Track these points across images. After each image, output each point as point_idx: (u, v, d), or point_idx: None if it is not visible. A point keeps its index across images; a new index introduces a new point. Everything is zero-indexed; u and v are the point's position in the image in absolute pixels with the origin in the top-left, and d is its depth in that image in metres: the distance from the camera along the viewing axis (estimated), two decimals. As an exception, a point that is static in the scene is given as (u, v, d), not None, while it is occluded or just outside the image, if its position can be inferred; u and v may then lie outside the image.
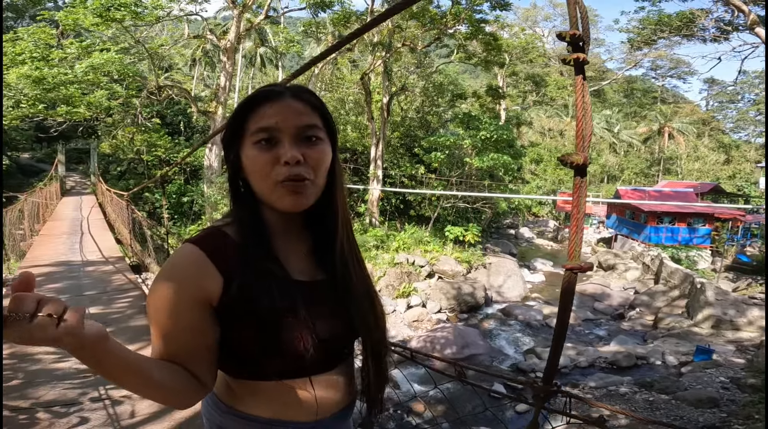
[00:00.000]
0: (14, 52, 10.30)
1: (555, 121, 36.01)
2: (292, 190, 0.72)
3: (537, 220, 27.90)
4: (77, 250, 8.05)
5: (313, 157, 0.73)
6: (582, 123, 0.72)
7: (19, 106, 10.78)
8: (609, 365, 8.25)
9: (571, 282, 0.74)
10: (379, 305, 0.87)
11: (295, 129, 0.73)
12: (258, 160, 0.72)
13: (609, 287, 13.84)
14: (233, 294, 0.71)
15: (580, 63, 0.73)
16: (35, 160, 20.52)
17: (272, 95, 0.74)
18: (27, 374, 3.06)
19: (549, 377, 0.78)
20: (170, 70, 24.73)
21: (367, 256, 13.26)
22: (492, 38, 15.76)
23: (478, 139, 15.02)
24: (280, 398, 0.77)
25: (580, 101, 0.72)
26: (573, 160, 0.71)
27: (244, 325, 0.73)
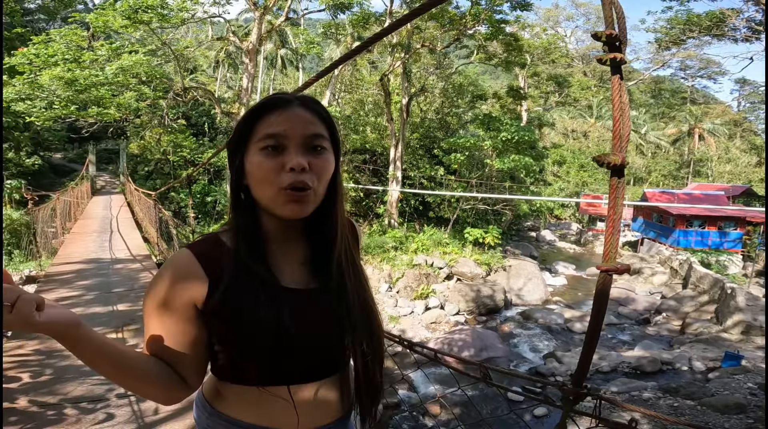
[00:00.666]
0: (47, 53, 10.67)
1: (579, 123, 35.32)
2: (294, 199, 0.72)
3: (559, 223, 27.41)
4: (107, 248, 8.27)
5: (317, 166, 0.74)
6: (619, 123, 0.72)
7: (52, 107, 11.18)
8: (632, 370, 8.10)
9: (606, 283, 0.74)
10: (376, 317, 0.85)
11: (302, 137, 0.74)
12: (263, 165, 0.73)
13: (634, 291, 13.54)
14: (217, 297, 0.72)
15: (617, 63, 0.73)
16: (67, 160, 21.24)
17: (281, 103, 0.75)
18: (56, 370, 3.12)
19: (579, 379, 0.78)
20: (195, 71, 25.32)
21: (386, 258, 13.30)
22: (513, 39, 15.58)
23: (498, 141, 14.88)
24: (261, 404, 0.77)
25: (617, 101, 0.72)
26: (610, 161, 0.71)
27: (226, 329, 0.74)
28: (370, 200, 18.28)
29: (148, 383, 0.72)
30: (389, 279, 12.59)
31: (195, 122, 19.83)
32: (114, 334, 3.84)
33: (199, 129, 19.78)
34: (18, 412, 2.53)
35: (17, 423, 2.42)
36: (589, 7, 37.51)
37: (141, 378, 0.71)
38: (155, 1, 10.45)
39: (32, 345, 3.54)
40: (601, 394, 0.84)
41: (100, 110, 11.50)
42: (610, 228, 0.72)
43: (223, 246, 0.77)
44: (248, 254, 0.75)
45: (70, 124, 13.28)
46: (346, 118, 18.54)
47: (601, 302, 0.74)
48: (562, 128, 35.41)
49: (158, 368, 0.73)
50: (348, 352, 0.84)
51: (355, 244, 0.88)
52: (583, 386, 0.78)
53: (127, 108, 11.98)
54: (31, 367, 3.16)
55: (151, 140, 17.94)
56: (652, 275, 15.05)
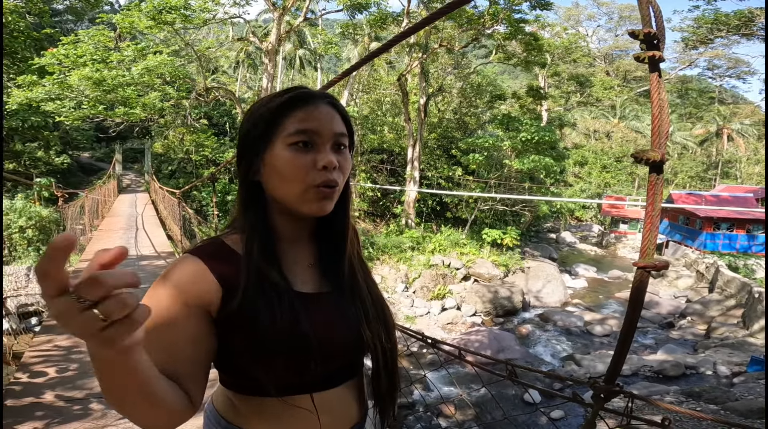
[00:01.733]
0: (76, 54, 10.99)
1: (601, 123, 34.62)
2: (323, 196, 0.71)
3: (580, 225, 26.95)
4: (132, 245, 8.48)
5: (342, 165, 0.74)
6: (658, 120, 0.72)
7: (80, 107, 11.50)
8: (654, 374, 7.97)
9: (643, 280, 0.74)
10: (390, 316, 0.84)
11: (332, 135, 0.72)
12: (295, 162, 0.70)
13: (658, 295, 13.25)
14: (233, 305, 0.68)
15: (656, 60, 0.73)
16: (95, 159, 21.86)
17: (311, 99, 0.73)
18: (82, 365, 3.16)
19: (612, 377, 0.77)
20: (216, 72, 25.76)
21: (402, 258, 13.30)
22: (532, 38, 15.38)
23: (518, 141, 14.72)
24: (281, 416, 0.73)
25: (656, 98, 0.72)
26: (649, 157, 0.72)
27: (242, 338, 0.69)
28: (387, 200, 18.30)
29: (164, 411, 0.61)
30: (406, 279, 12.58)
31: (216, 122, 20.19)
32: (139, 329, 3.94)
33: (220, 129, 20.13)
34: (44, 407, 2.56)
35: (44, 417, 2.44)
36: (611, 6, 36.73)
37: (160, 404, 0.59)
38: (179, 1, 10.70)
39: (60, 340, 3.61)
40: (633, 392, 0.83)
41: (127, 110, 11.79)
42: (648, 224, 0.72)
43: (231, 251, 0.73)
44: (262, 257, 0.71)
45: (98, 123, 13.65)
46: (363, 118, 18.61)
47: (637, 299, 0.74)
48: (584, 128, 34.79)
49: (175, 389, 0.65)
50: (363, 354, 0.82)
51: (358, 244, 0.88)
52: (615, 384, 0.78)
53: (152, 108, 12.26)
54: (57, 361, 3.21)
55: (174, 140, 18.36)
56: (677, 279, 14.71)
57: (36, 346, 3.55)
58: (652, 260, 0.74)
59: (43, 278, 0.40)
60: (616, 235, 23.16)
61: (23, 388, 2.80)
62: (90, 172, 19.20)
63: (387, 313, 0.83)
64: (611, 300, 13.50)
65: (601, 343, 9.97)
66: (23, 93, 11.13)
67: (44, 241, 11.36)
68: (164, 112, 13.18)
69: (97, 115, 11.99)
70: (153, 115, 12.97)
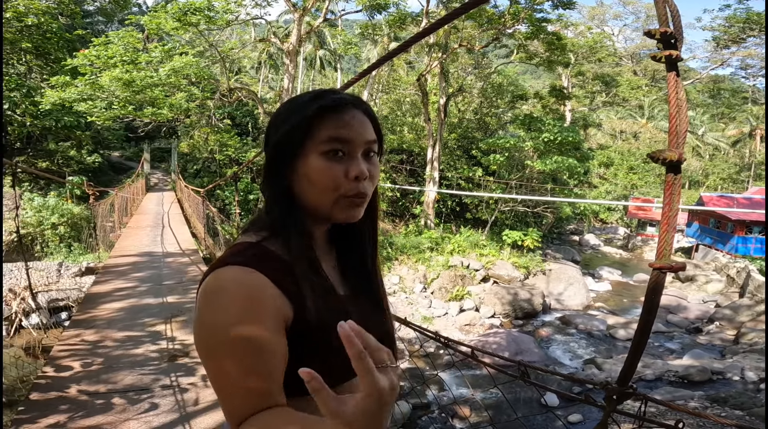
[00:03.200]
0: (107, 55, 11.38)
1: (628, 123, 33.76)
2: (354, 205, 0.71)
3: (605, 227, 26.32)
4: (158, 242, 8.70)
5: (372, 173, 0.73)
6: (676, 119, 0.72)
7: (111, 107, 11.89)
8: (679, 379, 7.80)
9: (659, 282, 0.74)
10: (391, 318, 0.86)
11: (363, 144, 0.71)
12: (329, 171, 0.69)
13: (686, 299, 12.87)
14: (301, 317, 0.67)
15: (673, 60, 0.73)
16: (124, 158, 22.51)
17: (345, 105, 0.71)
18: (107, 359, 3.23)
19: (625, 378, 0.77)
20: (239, 73, 26.24)
21: (421, 258, 13.28)
22: (555, 38, 15.11)
23: (540, 142, 14.50)
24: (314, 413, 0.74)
25: (674, 97, 0.72)
26: (666, 157, 0.71)
27: (306, 347, 0.67)
28: (406, 200, 18.30)
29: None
30: (424, 279, 12.56)
31: (239, 122, 20.56)
32: (163, 325, 4.00)
33: (243, 129, 20.49)
34: (69, 401, 2.59)
35: (67, 411, 2.47)
36: (638, 5, 35.77)
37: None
38: (202, 3, 10.96)
39: (87, 334, 3.69)
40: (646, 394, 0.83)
41: (155, 110, 12.12)
42: (665, 225, 0.72)
43: (277, 257, 0.70)
44: (310, 267, 0.71)
45: (128, 123, 14.10)
46: (383, 118, 18.67)
47: (652, 300, 0.74)
48: (610, 129, 33.99)
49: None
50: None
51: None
52: (629, 386, 0.78)
53: (178, 108, 12.57)
54: (83, 356, 3.26)
55: (199, 139, 18.79)
56: (707, 283, 14.25)
57: (64, 341, 3.61)
58: (668, 261, 0.74)
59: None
60: (642, 237, 22.54)
61: (49, 382, 2.83)
62: (120, 171, 19.78)
63: (390, 317, 0.85)
64: (636, 304, 13.16)
65: (624, 347, 9.74)
66: (56, 93, 11.54)
67: (75, 238, 11.80)
68: (190, 112, 13.50)
69: (126, 115, 12.35)
70: (179, 116, 13.30)
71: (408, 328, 1.75)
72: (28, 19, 11.97)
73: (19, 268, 7.70)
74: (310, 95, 0.73)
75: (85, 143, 15.52)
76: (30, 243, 11.28)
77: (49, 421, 2.37)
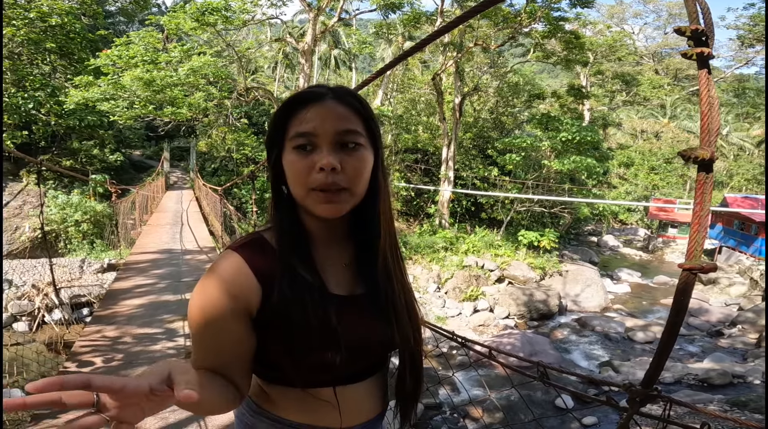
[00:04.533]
0: (128, 55, 11.61)
1: (649, 123, 33.00)
2: (324, 200, 0.70)
3: (624, 228, 25.79)
4: (177, 239, 8.85)
5: (350, 165, 0.70)
6: (707, 117, 0.70)
7: (132, 106, 12.13)
8: (699, 382, 7.66)
9: (689, 283, 0.72)
10: (417, 317, 0.85)
11: (333, 135, 0.70)
12: (296, 165, 0.70)
13: (708, 302, 12.56)
14: (270, 305, 0.71)
15: (704, 57, 0.72)
16: (145, 157, 22.90)
17: (313, 98, 0.71)
18: (127, 355, 3.28)
19: (650, 380, 0.76)
20: (256, 72, 26.50)
21: (435, 258, 13.23)
22: (573, 36, 14.86)
23: (558, 141, 14.29)
24: (305, 404, 0.77)
25: (705, 95, 0.71)
26: (698, 155, 0.70)
27: (274, 334, 0.72)
28: (421, 200, 18.25)
29: (214, 405, 0.69)
30: (438, 279, 12.51)
31: (256, 121, 20.78)
32: (181, 322, 4.06)
33: (260, 128, 20.71)
34: None
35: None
36: (659, 3, 34.92)
37: (209, 402, 0.67)
38: (220, 3, 11.11)
39: (108, 330, 3.76)
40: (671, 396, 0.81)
41: (174, 110, 12.31)
42: (695, 225, 0.71)
43: (269, 247, 0.75)
44: (292, 255, 0.73)
45: (148, 123, 14.34)
46: (398, 118, 18.63)
47: (681, 302, 0.73)
48: (630, 128, 33.29)
49: (221, 387, 0.70)
50: (389, 354, 0.85)
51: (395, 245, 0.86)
52: (653, 388, 0.76)
53: (197, 108, 12.75)
54: (104, 352, 3.31)
55: (217, 139, 19.06)
56: (730, 286, 13.89)
57: (86, 336, 3.66)
58: (698, 262, 0.72)
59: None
60: (664, 239, 22.04)
61: None
62: (140, 170, 20.13)
63: (416, 314, 0.84)
64: (656, 306, 12.88)
65: (643, 350, 9.55)
66: (80, 93, 11.81)
67: (98, 235, 12.08)
68: (208, 111, 13.69)
69: (147, 115, 12.55)
70: (198, 115, 13.50)
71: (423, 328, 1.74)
72: (52, 19, 12.26)
73: (42, 264, 7.92)
74: (294, 93, 0.77)
75: (108, 142, 15.85)
76: (54, 240, 11.59)
77: (69, 417, 2.38)
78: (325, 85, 0.75)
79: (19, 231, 12.38)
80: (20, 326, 6.95)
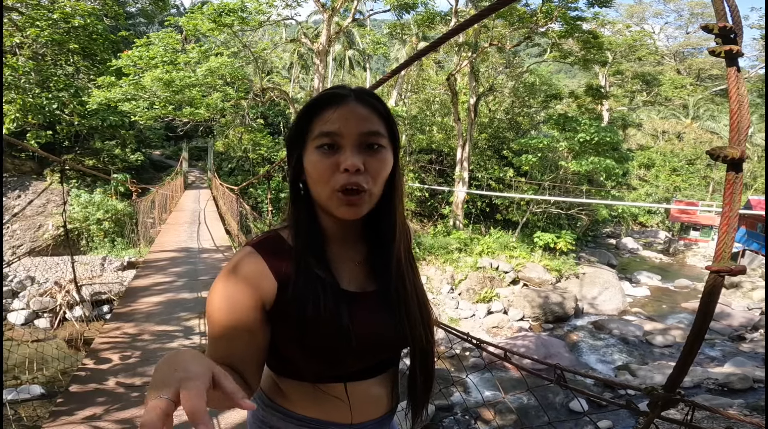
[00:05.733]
0: (148, 56, 11.85)
1: (671, 123, 32.23)
2: (347, 202, 0.71)
3: (644, 231, 25.25)
4: (195, 238, 8.95)
5: (373, 166, 0.71)
6: (737, 115, 0.69)
7: (152, 107, 12.37)
8: (719, 387, 7.52)
9: (716, 285, 0.70)
10: (430, 316, 0.85)
11: (357, 136, 0.71)
12: (319, 165, 0.71)
13: (730, 306, 12.25)
14: (285, 299, 0.73)
15: (733, 55, 0.70)
16: (164, 157, 23.31)
17: (336, 99, 0.72)
18: (144, 352, 3.31)
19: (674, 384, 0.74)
20: (271, 73, 26.77)
21: (449, 259, 13.16)
22: (591, 36, 14.61)
23: (575, 142, 14.07)
24: (316, 399, 0.78)
25: (735, 93, 0.69)
26: (727, 154, 0.68)
27: (287, 329, 0.74)
28: (435, 201, 18.18)
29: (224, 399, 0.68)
30: (451, 280, 12.44)
31: (271, 122, 20.99)
32: (197, 320, 4.10)
33: (275, 128, 20.92)
34: (106, 393, 2.67)
35: (104, 404, 2.53)
36: (680, 2, 34.09)
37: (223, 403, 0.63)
38: (236, 4, 11.26)
39: (127, 327, 3.82)
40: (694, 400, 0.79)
41: (193, 110, 12.53)
42: (724, 226, 0.69)
43: (286, 244, 0.77)
44: (307, 253, 0.75)
45: (167, 123, 14.62)
46: (412, 118, 18.60)
47: (708, 305, 0.71)
48: (651, 129, 32.57)
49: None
50: (400, 351, 0.85)
51: (409, 245, 0.88)
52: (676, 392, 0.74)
53: (214, 108, 12.95)
54: (122, 349, 3.35)
55: (233, 139, 19.31)
56: (752, 290, 13.52)
57: (105, 333, 3.71)
58: (727, 264, 0.70)
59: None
60: (685, 242, 21.52)
61: (89, 374, 2.91)
62: (160, 169, 20.45)
63: (428, 313, 0.85)
64: (677, 310, 12.59)
65: (662, 354, 9.35)
66: (102, 93, 12.09)
67: (119, 233, 12.34)
68: (225, 112, 13.89)
69: (167, 115, 12.81)
70: (215, 115, 13.70)
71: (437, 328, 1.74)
72: (75, 20, 12.57)
73: (65, 262, 8.13)
74: (319, 92, 0.76)
75: (129, 142, 16.15)
76: (76, 238, 11.89)
77: (86, 413, 2.41)
78: (347, 85, 0.76)
79: (42, 229, 12.74)
80: (42, 323, 7.14)
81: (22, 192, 13.66)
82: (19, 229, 12.64)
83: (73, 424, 2.31)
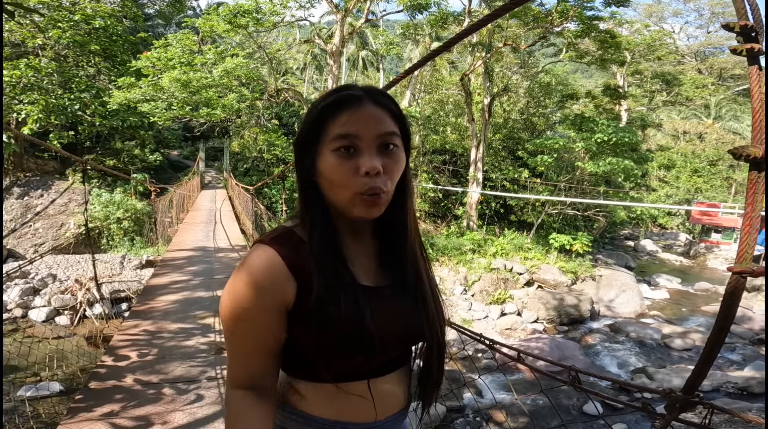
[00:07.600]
0: (166, 57, 12.05)
1: (692, 124, 31.49)
2: (369, 203, 0.70)
3: (663, 233, 24.73)
4: (211, 237, 9.09)
5: (390, 167, 0.72)
6: (759, 114, 0.68)
7: (170, 107, 12.58)
8: (738, 391, 7.35)
9: (738, 287, 0.69)
10: (442, 308, 0.85)
11: (375, 138, 0.70)
12: (338, 169, 0.70)
13: (752, 310, 11.91)
14: (306, 299, 0.71)
15: (755, 54, 0.69)
16: (182, 157, 23.68)
17: (352, 100, 0.71)
18: (161, 350, 3.35)
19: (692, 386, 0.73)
20: (286, 74, 27.00)
21: (462, 260, 13.09)
22: (608, 36, 14.34)
23: (592, 142, 13.86)
24: (336, 400, 0.77)
25: (757, 92, 0.68)
26: (750, 153, 0.67)
27: (307, 328, 0.72)
28: (448, 201, 18.10)
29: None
30: (465, 282, 12.38)
31: (285, 122, 21.15)
32: (212, 318, 4.15)
33: (289, 129, 21.08)
34: (123, 390, 2.70)
35: (121, 401, 2.56)
36: (699, 1, 33.31)
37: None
38: (251, 6, 11.39)
39: (145, 324, 3.88)
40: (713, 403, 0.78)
41: (209, 111, 12.71)
42: (747, 226, 0.68)
43: (301, 242, 0.75)
44: (324, 251, 0.73)
45: (185, 123, 14.86)
46: (426, 119, 18.55)
47: (730, 306, 0.70)
48: (672, 130, 31.87)
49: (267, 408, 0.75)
50: (415, 345, 0.86)
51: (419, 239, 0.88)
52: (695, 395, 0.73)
53: (230, 109, 13.12)
54: (140, 346, 3.40)
55: (249, 139, 19.54)
56: (775, 294, 13.12)
57: (124, 331, 3.77)
58: (749, 265, 0.69)
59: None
60: (706, 244, 20.99)
61: (107, 371, 2.95)
62: (178, 169, 20.78)
63: (441, 306, 0.85)
64: (696, 313, 12.30)
65: (680, 357, 9.15)
66: (122, 94, 12.34)
67: (137, 232, 12.58)
68: (240, 112, 14.05)
69: (184, 116, 13.02)
70: (231, 116, 13.87)
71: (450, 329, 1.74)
72: (95, 21, 12.84)
73: (86, 260, 8.33)
74: (325, 94, 0.75)
75: (148, 142, 16.44)
76: (97, 236, 12.14)
77: (104, 410, 2.44)
78: (356, 85, 0.75)
79: (64, 227, 13.08)
80: (62, 320, 7.30)
81: (44, 191, 14.03)
82: (41, 228, 12.99)
83: (91, 421, 2.35)
